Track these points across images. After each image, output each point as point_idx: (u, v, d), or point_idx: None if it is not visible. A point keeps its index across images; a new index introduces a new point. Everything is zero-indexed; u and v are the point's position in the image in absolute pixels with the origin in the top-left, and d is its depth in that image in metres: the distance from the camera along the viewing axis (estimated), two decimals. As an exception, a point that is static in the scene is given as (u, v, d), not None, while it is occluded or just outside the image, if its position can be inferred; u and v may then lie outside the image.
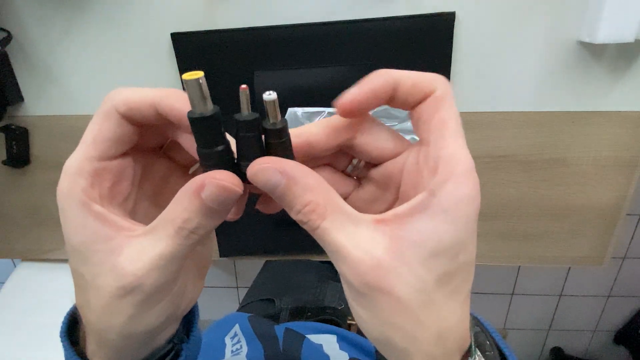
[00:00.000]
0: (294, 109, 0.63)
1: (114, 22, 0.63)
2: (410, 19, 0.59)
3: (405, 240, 0.18)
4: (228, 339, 0.55)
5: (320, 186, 0.20)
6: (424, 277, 0.18)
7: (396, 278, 0.18)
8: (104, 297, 0.20)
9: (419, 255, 0.18)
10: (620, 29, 0.54)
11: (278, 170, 0.19)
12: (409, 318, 0.18)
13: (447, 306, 0.19)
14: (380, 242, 0.18)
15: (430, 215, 0.18)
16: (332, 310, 0.65)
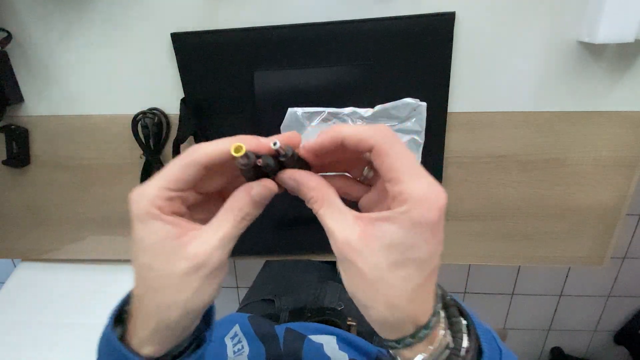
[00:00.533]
0: (294, 109, 0.63)
1: (114, 22, 0.63)
2: (410, 19, 0.59)
3: (371, 234, 0.26)
4: (228, 340, 0.55)
5: (320, 186, 0.30)
6: (378, 260, 0.26)
7: (360, 256, 0.26)
8: (175, 277, 0.26)
9: (378, 245, 0.26)
10: (620, 29, 0.54)
11: (291, 178, 0.30)
12: (367, 284, 0.26)
13: (397, 285, 0.26)
14: (355, 231, 0.27)
15: (390, 223, 0.26)
16: (332, 311, 0.65)
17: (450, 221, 0.75)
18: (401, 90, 0.63)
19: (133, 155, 0.73)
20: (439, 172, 0.69)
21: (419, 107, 0.62)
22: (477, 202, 0.73)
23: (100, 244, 0.83)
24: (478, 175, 0.71)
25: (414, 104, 0.62)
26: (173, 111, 0.69)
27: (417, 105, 0.62)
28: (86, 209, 0.80)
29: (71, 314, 0.82)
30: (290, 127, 0.65)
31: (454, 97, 0.64)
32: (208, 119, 0.67)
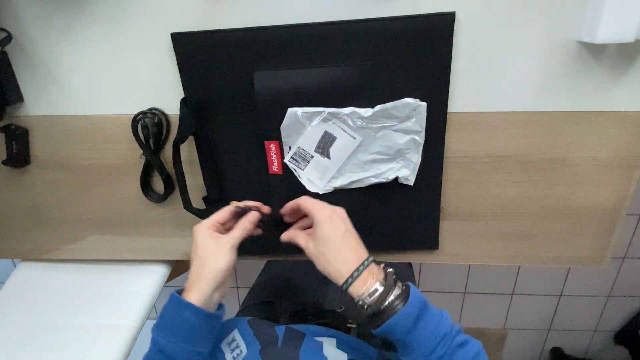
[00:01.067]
0: (294, 109, 0.63)
1: (114, 22, 0.63)
2: (410, 19, 0.59)
3: (314, 237, 0.52)
4: (225, 345, 0.54)
5: (291, 232, 0.58)
6: (318, 247, 0.50)
7: (312, 247, 0.52)
8: (221, 255, 0.51)
9: (317, 241, 0.51)
10: (620, 29, 0.54)
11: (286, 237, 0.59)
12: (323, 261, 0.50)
13: (333, 258, 0.49)
14: (313, 245, 0.52)
15: (317, 234, 0.51)
16: (332, 313, 0.65)
17: (451, 221, 0.75)
18: (401, 90, 0.63)
19: (133, 155, 0.73)
20: (439, 172, 0.69)
21: (418, 107, 0.62)
22: (477, 202, 0.73)
23: (100, 244, 0.83)
24: (478, 175, 0.71)
25: (413, 104, 0.62)
26: (173, 111, 0.69)
27: (417, 105, 0.62)
28: (86, 209, 0.80)
29: (71, 314, 0.82)
30: (290, 126, 0.65)
31: (454, 97, 0.64)
32: (208, 119, 0.67)
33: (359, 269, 0.47)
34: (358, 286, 0.46)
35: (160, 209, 0.78)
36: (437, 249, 0.77)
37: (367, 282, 0.46)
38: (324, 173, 0.67)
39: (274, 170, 0.69)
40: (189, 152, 0.71)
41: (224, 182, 0.73)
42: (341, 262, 0.48)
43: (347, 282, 0.47)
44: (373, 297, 0.45)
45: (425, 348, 0.44)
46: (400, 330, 0.44)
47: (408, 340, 0.45)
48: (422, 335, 0.44)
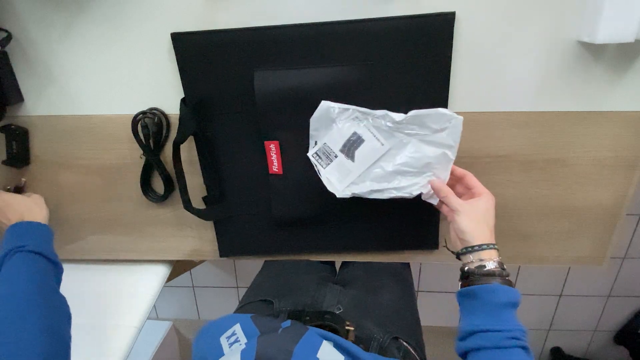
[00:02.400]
0: (328, 103, 0.62)
1: (114, 22, 0.63)
2: (410, 19, 0.59)
3: (470, 204, 0.59)
4: (224, 339, 0.54)
5: (450, 192, 0.61)
6: (477, 214, 0.58)
7: (468, 211, 0.58)
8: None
9: (475, 206, 0.58)
10: (620, 29, 0.54)
11: (438, 188, 0.62)
12: (471, 223, 0.57)
13: (484, 223, 0.57)
14: (470, 207, 0.58)
15: (478, 204, 0.58)
16: (331, 315, 0.64)
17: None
18: (401, 90, 0.63)
19: (133, 155, 0.73)
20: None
21: (454, 120, 0.58)
22: (477, 202, 0.73)
23: (100, 244, 0.83)
24: (478, 175, 0.70)
25: (449, 116, 0.58)
26: (173, 111, 0.69)
27: (453, 118, 0.58)
28: (86, 209, 0.80)
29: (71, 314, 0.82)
30: (320, 120, 0.63)
31: (454, 97, 0.64)
32: (208, 119, 0.67)
33: (494, 245, 0.56)
34: (492, 253, 0.56)
35: (160, 209, 0.78)
36: (437, 249, 0.77)
37: (496, 255, 0.56)
38: (345, 175, 0.64)
39: (274, 170, 0.69)
40: (189, 152, 0.71)
41: (224, 182, 0.73)
42: (485, 233, 0.56)
43: (481, 246, 0.55)
44: (494, 265, 0.55)
45: (511, 325, 0.50)
46: (505, 297, 0.51)
47: (502, 310, 0.51)
48: (513, 315, 0.51)
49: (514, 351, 0.49)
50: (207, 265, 1.69)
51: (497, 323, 0.50)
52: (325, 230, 0.76)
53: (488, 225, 0.57)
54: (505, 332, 0.49)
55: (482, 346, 0.50)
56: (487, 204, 0.58)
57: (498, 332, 0.50)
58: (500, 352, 0.49)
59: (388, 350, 0.62)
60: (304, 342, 0.48)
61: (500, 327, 0.50)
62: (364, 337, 0.63)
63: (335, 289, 0.74)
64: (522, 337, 0.50)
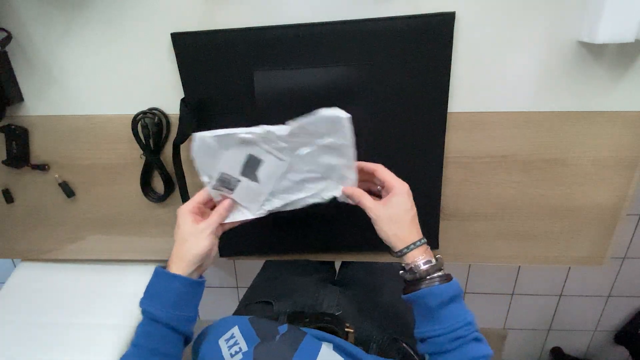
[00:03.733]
0: (202, 134, 0.55)
1: (114, 22, 0.63)
2: (410, 19, 0.59)
3: (387, 204, 0.55)
4: (222, 341, 0.54)
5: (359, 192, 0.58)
6: (394, 213, 0.55)
7: (385, 213, 0.55)
8: (199, 240, 0.55)
9: (389, 206, 0.55)
10: (620, 29, 0.54)
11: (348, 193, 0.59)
12: (390, 225, 0.54)
13: (402, 223, 0.55)
14: (381, 206, 0.55)
15: (391, 203, 0.55)
16: (330, 317, 0.64)
17: (450, 221, 0.75)
18: (401, 90, 0.63)
19: (133, 155, 0.73)
20: (439, 172, 0.69)
21: (340, 121, 0.53)
22: (477, 202, 0.73)
23: (100, 244, 0.83)
24: (478, 175, 0.71)
25: (332, 117, 0.52)
26: (173, 111, 0.69)
27: (337, 118, 0.52)
28: (86, 209, 0.80)
29: (71, 314, 0.82)
30: (201, 151, 0.56)
31: (454, 97, 0.64)
32: (208, 119, 0.67)
33: (421, 241, 0.54)
34: (416, 254, 0.54)
35: (160, 209, 0.78)
36: (437, 249, 0.77)
37: (421, 254, 0.54)
38: (256, 197, 0.60)
39: (274, 170, 0.69)
40: (189, 152, 0.71)
41: (224, 182, 0.73)
42: (407, 231, 0.54)
43: (408, 247, 0.54)
44: (426, 266, 0.53)
45: (450, 325, 0.49)
46: (435, 300, 0.50)
47: (438, 312, 0.51)
48: (451, 313, 0.50)
49: (463, 349, 0.49)
50: (207, 265, 1.69)
51: (437, 327, 0.50)
52: (325, 230, 0.76)
53: (406, 222, 0.54)
54: (448, 335, 0.49)
55: (433, 352, 0.51)
56: (399, 198, 0.54)
57: (439, 337, 0.50)
58: (451, 354, 0.49)
59: (387, 351, 0.62)
60: (302, 350, 0.48)
61: (440, 330, 0.50)
62: (364, 338, 0.63)
63: (334, 290, 0.74)
64: (468, 330, 0.49)
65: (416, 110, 0.65)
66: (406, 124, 0.66)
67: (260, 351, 0.48)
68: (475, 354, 0.49)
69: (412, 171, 0.69)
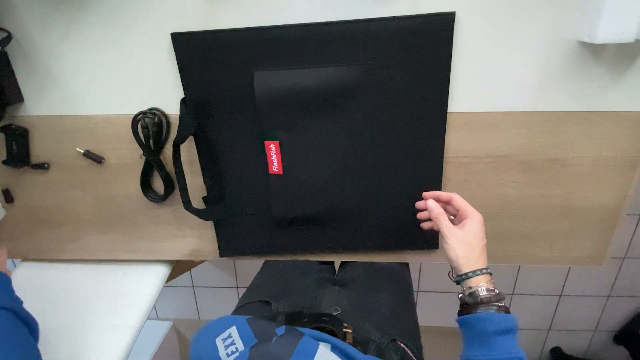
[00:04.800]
0: None
1: (114, 22, 0.63)
2: (410, 19, 0.59)
3: (463, 229, 0.58)
4: (219, 341, 0.54)
5: (443, 214, 0.61)
6: (468, 239, 0.57)
7: (462, 237, 0.57)
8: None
9: (465, 231, 0.58)
10: (620, 29, 0.54)
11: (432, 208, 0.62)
12: (463, 248, 0.57)
13: (474, 248, 0.57)
14: (456, 229, 0.58)
15: (469, 224, 0.58)
16: (329, 317, 0.64)
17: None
18: (401, 90, 0.63)
19: (133, 155, 0.73)
20: (438, 172, 0.69)
21: None
22: (477, 202, 0.72)
23: (100, 244, 0.83)
24: (478, 175, 0.71)
25: None
26: (173, 111, 0.69)
27: None
28: (86, 209, 0.80)
29: (71, 314, 0.82)
30: None
31: (454, 97, 0.64)
32: (208, 119, 0.67)
33: (488, 269, 0.56)
34: (477, 280, 0.55)
35: (160, 209, 0.78)
36: (437, 249, 0.77)
37: (485, 281, 0.55)
38: None
39: (274, 170, 0.69)
40: (189, 152, 0.71)
41: (224, 182, 0.73)
42: (474, 257, 0.56)
43: (474, 272, 0.56)
44: (488, 293, 0.54)
45: (504, 353, 0.51)
46: (493, 326, 0.51)
47: (494, 338, 0.51)
48: (506, 342, 0.51)
49: None
50: (207, 265, 1.69)
51: (490, 352, 0.51)
52: (325, 230, 0.76)
53: (477, 248, 0.57)
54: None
55: None
56: (475, 225, 0.57)
57: None
58: None
59: (386, 352, 0.62)
60: (300, 351, 0.48)
61: (492, 356, 0.50)
62: (362, 339, 0.63)
63: (333, 290, 0.74)
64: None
65: (416, 110, 0.65)
66: (406, 124, 0.66)
67: (256, 352, 0.48)
68: None
69: (412, 171, 0.70)
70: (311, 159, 0.68)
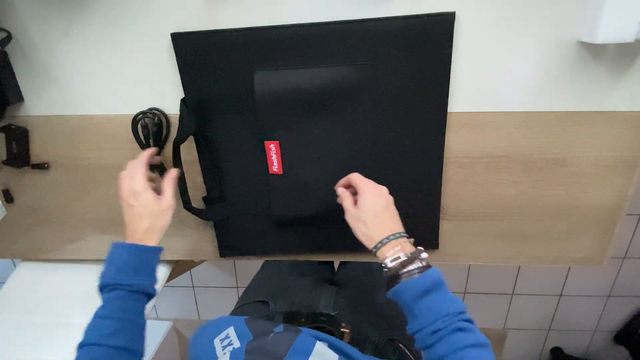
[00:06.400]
0: None
1: (114, 22, 0.63)
2: (410, 19, 0.59)
3: (355, 208, 0.57)
4: (217, 341, 0.54)
5: (344, 197, 0.60)
6: (358, 212, 0.56)
7: (353, 211, 0.57)
8: (168, 214, 0.61)
9: (358, 207, 0.57)
10: (620, 29, 0.54)
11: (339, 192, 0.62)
12: (362, 225, 0.56)
13: (367, 229, 0.55)
14: (353, 211, 0.57)
15: (359, 205, 0.57)
16: (327, 317, 0.64)
17: (450, 221, 0.75)
18: (401, 90, 0.63)
19: (133, 155, 0.73)
20: (438, 172, 0.69)
21: None
22: (477, 202, 0.73)
23: (100, 244, 0.83)
24: (478, 175, 0.71)
25: None
26: (173, 111, 0.69)
27: None
28: (86, 209, 0.80)
29: (71, 314, 0.82)
30: None
31: (454, 97, 0.64)
32: (208, 119, 0.67)
33: (389, 237, 0.53)
34: (384, 251, 0.53)
35: (160, 209, 0.78)
36: (437, 249, 0.77)
37: (393, 249, 0.52)
38: None
39: (274, 170, 0.69)
40: (189, 152, 0.71)
41: (224, 182, 0.73)
42: (376, 229, 0.54)
43: (376, 246, 0.53)
44: (395, 262, 0.51)
45: (426, 319, 0.48)
46: (409, 295, 0.49)
47: (413, 307, 0.49)
48: (427, 307, 0.48)
49: (445, 342, 0.47)
50: (207, 265, 1.69)
51: (415, 322, 0.49)
52: (325, 230, 0.76)
53: (375, 221, 0.55)
54: (425, 329, 0.48)
55: (421, 347, 0.49)
56: (364, 200, 0.56)
57: (419, 333, 0.48)
58: (435, 349, 0.47)
59: (384, 351, 0.62)
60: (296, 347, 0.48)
61: (418, 326, 0.49)
62: (360, 338, 0.62)
63: (331, 290, 0.74)
64: (446, 322, 0.47)
65: (416, 110, 0.65)
66: (406, 123, 0.66)
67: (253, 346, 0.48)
68: (459, 345, 0.46)
69: (412, 171, 0.70)
70: (311, 159, 0.68)
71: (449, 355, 0.45)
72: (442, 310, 0.48)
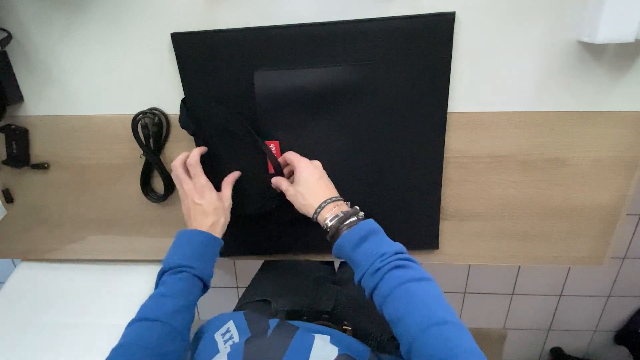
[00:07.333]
0: None
1: (114, 22, 0.63)
2: (410, 19, 0.59)
3: (294, 186, 0.62)
4: (218, 336, 0.54)
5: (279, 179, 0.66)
6: (296, 187, 0.61)
7: (292, 189, 0.62)
8: (229, 212, 0.66)
9: (295, 183, 0.61)
10: (620, 29, 0.54)
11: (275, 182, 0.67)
12: (299, 197, 0.60)
13: (305, 200, 0.60)
14: (290, 187, 0.62)
15: (295, 180, 0.62)
16: (328, 315, 0.64)
17: (451, 221, 0.75)
18: (401, 90, 0.63)
19: (133, 155, 0.73)
20: (438, 172, 0.69)
21: None
22: (477, 202, 0.73)
23: (100, 244, 0.83)
24: (478, 175, 0.71)
25: None
26: (173, 111, 0.69)
27: None
28: (86, 209, 0.80)
29: (71, 314, 0.82)
30: None
31: (454, 97, 0.64)
32: (208, 119, 0.67)
33: (326, 201, 0.57)
34: (323, 214, 0.57)
35: (160, 209, 0.78)
36: (437, 249, 0.77)
37: (331, 210, 0.56)
38: None
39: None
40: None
41: (224, 182, 0.73)
42: (313, 198, 0.58)
43: (316, 211, 0.57)
44: (333, 221, 0.55)
45: (365, 264, 0.51)
46: (349, 244, 0.52)
47: (354, 256, 0.52)
48: (364, 253, 0.51)
49: (386, 280, 0.49)
50: (207, 265, 1.69)
51: (357, 270, 0.52)
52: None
53: (312, 191, 0.59)
54: (366, 273, 0.50)
55: (368, 295, 0.52)
56: (300, 174, 0.60)
57: (363, 279, 0.51)
58: (379, 290, 0.49)
59: (385, 349, 0.62)
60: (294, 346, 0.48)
61: (360, 272, 0.51)
62: (361, 336, 0.63)
63: (333, 289, 0.74)
64: (384, 261, 0.50)
65: (416, 110, 0.65)
66: (406, 123, 0.66)
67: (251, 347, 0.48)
68: (400, 280, 0.48)
69: (412, 171, 0.70)
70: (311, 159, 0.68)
71: (392, 292, 0.48)
72: (380, 251, 0.51)
